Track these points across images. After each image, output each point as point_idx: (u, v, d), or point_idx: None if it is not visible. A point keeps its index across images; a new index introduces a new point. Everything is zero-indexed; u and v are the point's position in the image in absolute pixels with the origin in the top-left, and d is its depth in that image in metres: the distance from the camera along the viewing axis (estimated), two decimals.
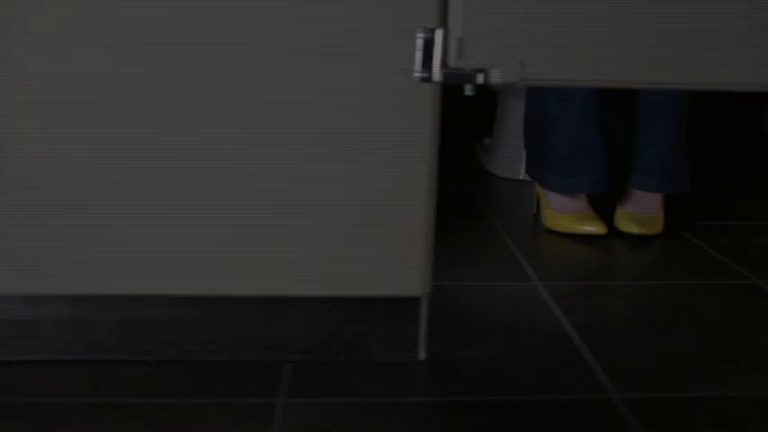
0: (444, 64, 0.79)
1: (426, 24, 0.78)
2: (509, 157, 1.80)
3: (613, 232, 1.35)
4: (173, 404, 0.77)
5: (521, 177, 1.76)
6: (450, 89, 0.87)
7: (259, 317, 0.87)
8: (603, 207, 1.40)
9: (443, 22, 0.79)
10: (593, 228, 1.31)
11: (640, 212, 1.35)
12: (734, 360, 0.89)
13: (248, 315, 0.87)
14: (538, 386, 0.82)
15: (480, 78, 0.81)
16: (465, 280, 1.12)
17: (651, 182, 1.33)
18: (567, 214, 1.34)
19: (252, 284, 0.84)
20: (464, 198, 1.61)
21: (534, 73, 0.81)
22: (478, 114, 2.11)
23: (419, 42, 0.78)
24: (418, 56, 0.78)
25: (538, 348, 0.91)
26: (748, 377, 0.85)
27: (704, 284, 1.14)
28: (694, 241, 1.34)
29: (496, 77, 0.80)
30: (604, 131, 1.31)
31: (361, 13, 0.79)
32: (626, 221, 1.33)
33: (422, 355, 0.88)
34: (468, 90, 0.85)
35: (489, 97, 1.99)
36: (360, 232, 0.83)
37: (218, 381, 0.82)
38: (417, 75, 0.79)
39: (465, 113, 2.04)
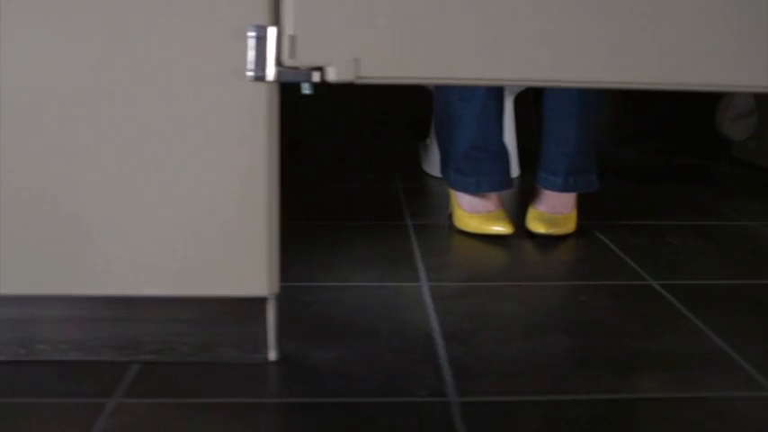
0: (279, 63, 0.79)
1: (258, 22, 0.78)
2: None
3: (524, 232, 1.34)
4: (3, 404, 0.77)
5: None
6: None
7: (109, 317, 0.86)
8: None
9: (276, 20, 0.78)
10: (501, 228, 1.29)
11: (550, 212, 1.33)
12: (594, 362, 0.87)
13: (99, 315, 0.86)
14: (382, 388, 0.81)
15: (317, 77, 0.81)
16: (351, 281, 1.11)
17: (556, 181, 1.31)
18: (475, 214, 1.32)
19: (100, 284, 0.84)
20: (389, 197, 1.60)
21: (372, 71, 0.80)
22: None
23: (251, 41, 0.77)
24: (251, 54, 0.78)
25: (396, 350, 0.90)
26: (599, 379, 0.83)
27: (596, 285, 1.12)
28: (604, 241, 1.33)
29: (332, 75, 0.80)
30: (518, 130, 1.30)
31: (191, 12, 0.78)
32: (534, 221, 1.32)
33: (272, 356, 0.87)
34: (306, 89, 0.84)
35: None
36: (204, 233, 0.83)
37: (61, 381, 0.82)
38: (250, 74, 0.78)
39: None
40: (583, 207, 1.50)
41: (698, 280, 1.14)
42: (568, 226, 1.33)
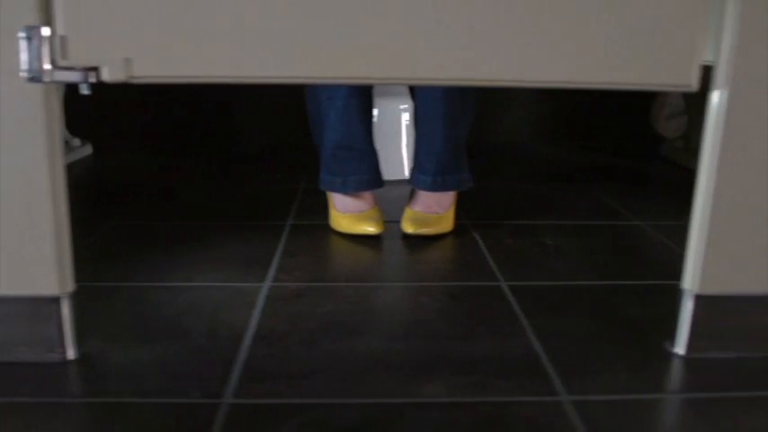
0: (54, 63, 0.79)
1: (29, 23, 0.77)
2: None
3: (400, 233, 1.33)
4: None
5: (402, 177, 1.74)
6: None
7: None
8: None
9: (49, 21, 0.78)
10: (371, 228, 1.28)
11: (424, 212, 1.32)
12: (394, 364, 0.86)
13: None
14: (163, 389, 0.80)
15: (93, 77, 0.80)
16: (195, 281, 1.11)
17: (426, 180, 1.30)
18: (347, 214, 1.31)
19: None
20: (286, 197, 1.59)
21: (145, 70, 0.80)
22: None
23: (22, 42, 0.77)
24: (23, 56, 0.78)
25: (198, 350, 0.89)
26: (388, 382, 0.82)
27: (444, 286, 1.11)
28: (477, 241, 1.31)
29: (106, 76, 0.79)
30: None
31: None
32: (406, 221, 1.30)
33: (70, 355, 0.87)
34: (84, 89, 0.84)
35: None
36: None
37: None
38: (24, 75, 0.78)
39: None
40: (474, 206, 1.50)
41: (550, 281, 1.13)
42: (442, 226, 1.31)
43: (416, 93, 1.29)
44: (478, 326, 0.97)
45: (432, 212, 1.32)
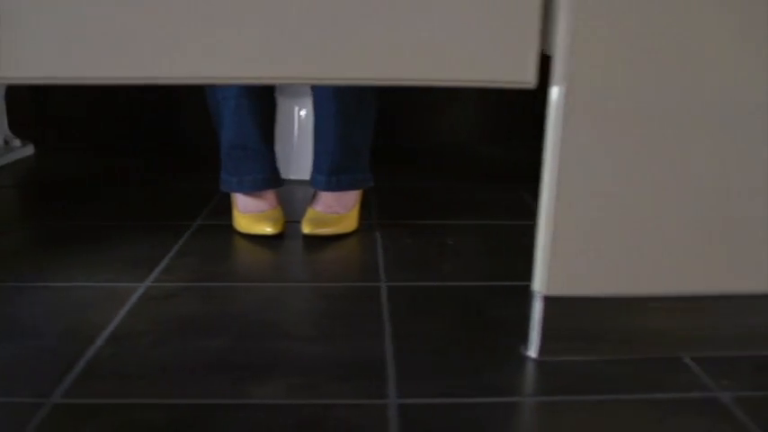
0: None
1: None
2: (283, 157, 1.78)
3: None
4: None
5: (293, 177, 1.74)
6: None
7: None
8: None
9: None
10: (269, 228, 1.28)
11: (324, 211, 1.31)
12: (232, 365, 0.86)
13: None
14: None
15: None
16: (75, 281, 1.11)
17: (321, 180, 1.30)
18: (247, 214, 1.31)
19: None
20: (209, 197, 1.59)
21: (6, 71, 0.79)
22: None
23: None
24: None
25: (45, 350, 0.89)
26: (217, 383, 0.82)
27: (321, 286, 1.11)
28: (376, 241, 1.30)
29: None
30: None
31: None
32: (305, 221, 1.30)
33: None
34: None
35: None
36: None
37: None
38: None
39: None
40: (390, 206, 1.50)
41: (431, 282, 1.12)
42: (343, 226, 1.31)
43: (313, 92, 1.29)
44: (338, 327, 0.97)
45: (332, 212, 1.31)
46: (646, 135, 0.83)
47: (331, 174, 1.29)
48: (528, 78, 0.82)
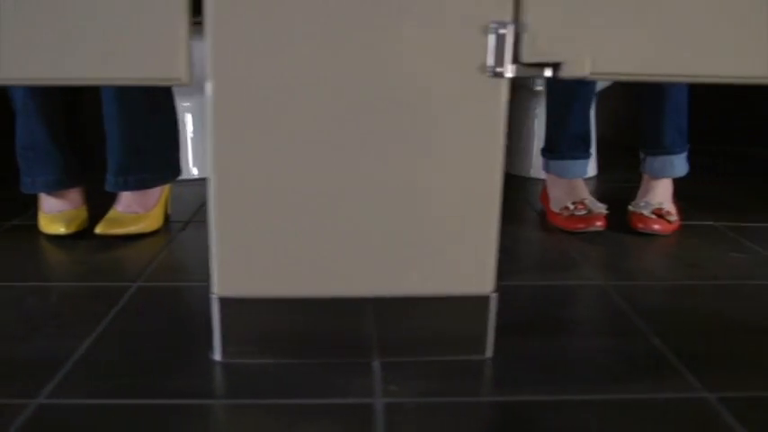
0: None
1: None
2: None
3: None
4: None
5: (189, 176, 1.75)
6: None
7: None
8: None
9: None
10: (62, 228, 1.29)
11: (123, 211, 1.32)
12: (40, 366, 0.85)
13: None
14: None
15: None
16: None
17: (110, 180, 1.30)
18: (48, 214, 1.32)
19: None
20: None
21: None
22: None
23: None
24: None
25: None
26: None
27: (71, 286, 1.10)
28: (171, 238, 1.30)
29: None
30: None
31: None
32: (101, 222, 1.29)
33: None
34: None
35: None
36: None
37: None
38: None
39: None
40: None
41: (187, 282, 1.11)
42: (142, 225, 1.30)
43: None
44: (46, 327, 0.96)
45: (131, 212, 1.31)
46: (302, 134, 0.81)
47: (118, 174, 1.28)
48: (180, 76, 0.80)
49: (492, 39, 0.77)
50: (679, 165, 1.43)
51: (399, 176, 0.82)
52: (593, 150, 1.59)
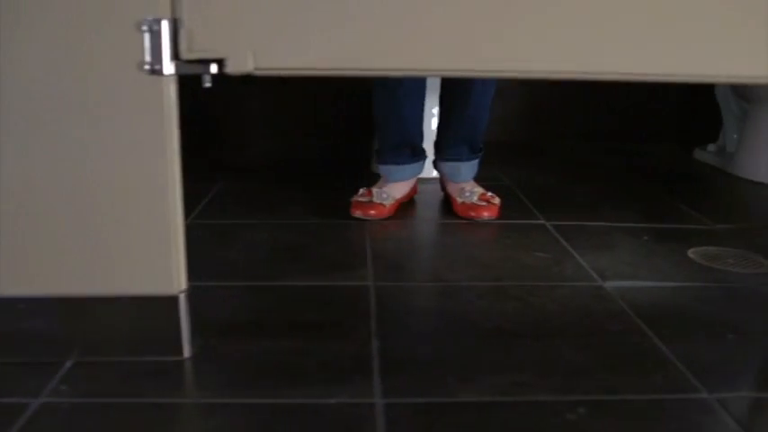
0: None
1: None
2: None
3: None
4: None
5: None
6: None
7: None
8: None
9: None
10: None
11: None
12: None
13: None
14: None
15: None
16: None
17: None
18: None
19: None
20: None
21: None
22: None
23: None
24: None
25: None
26: None
27: None
28: None
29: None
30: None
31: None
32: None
33: None
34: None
35: None
36: None
37: None
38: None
39: None
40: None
41: None
42: None
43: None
44: None
45: None
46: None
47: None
48: None
49: (147, 36, 0.76)
50: (466, 171, 1.54)
51: (68, 176, 0.81)
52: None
